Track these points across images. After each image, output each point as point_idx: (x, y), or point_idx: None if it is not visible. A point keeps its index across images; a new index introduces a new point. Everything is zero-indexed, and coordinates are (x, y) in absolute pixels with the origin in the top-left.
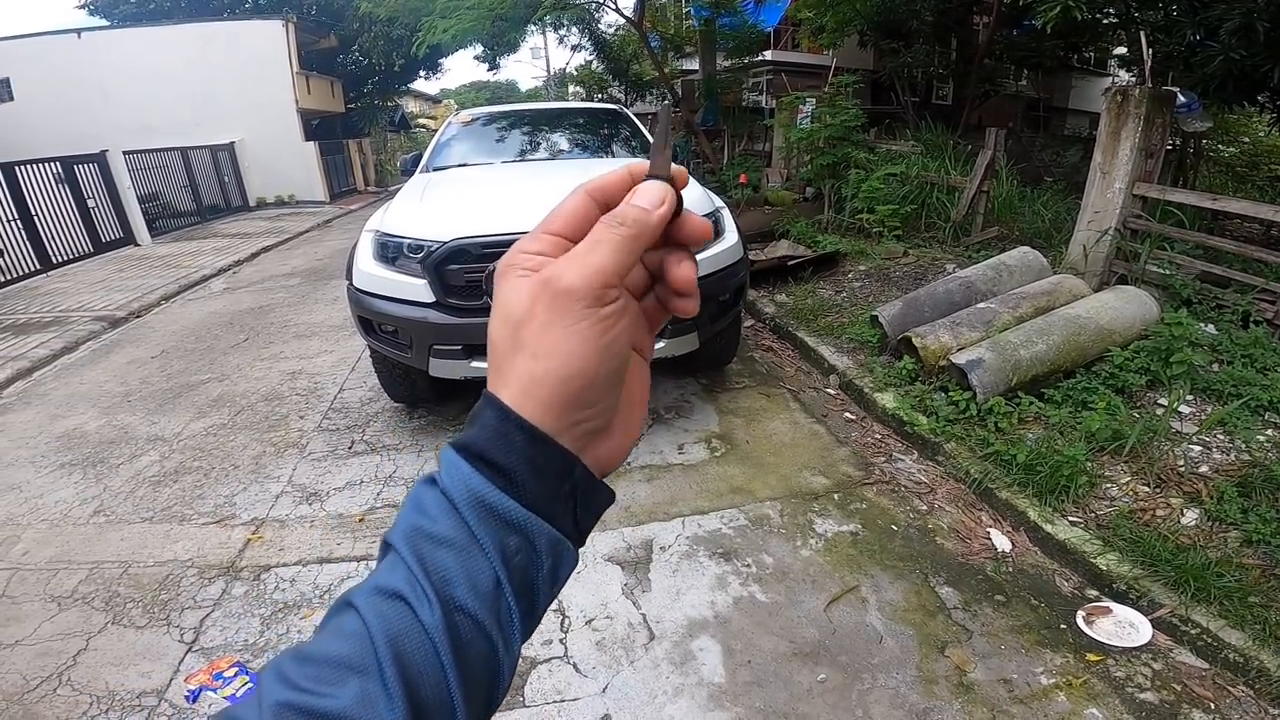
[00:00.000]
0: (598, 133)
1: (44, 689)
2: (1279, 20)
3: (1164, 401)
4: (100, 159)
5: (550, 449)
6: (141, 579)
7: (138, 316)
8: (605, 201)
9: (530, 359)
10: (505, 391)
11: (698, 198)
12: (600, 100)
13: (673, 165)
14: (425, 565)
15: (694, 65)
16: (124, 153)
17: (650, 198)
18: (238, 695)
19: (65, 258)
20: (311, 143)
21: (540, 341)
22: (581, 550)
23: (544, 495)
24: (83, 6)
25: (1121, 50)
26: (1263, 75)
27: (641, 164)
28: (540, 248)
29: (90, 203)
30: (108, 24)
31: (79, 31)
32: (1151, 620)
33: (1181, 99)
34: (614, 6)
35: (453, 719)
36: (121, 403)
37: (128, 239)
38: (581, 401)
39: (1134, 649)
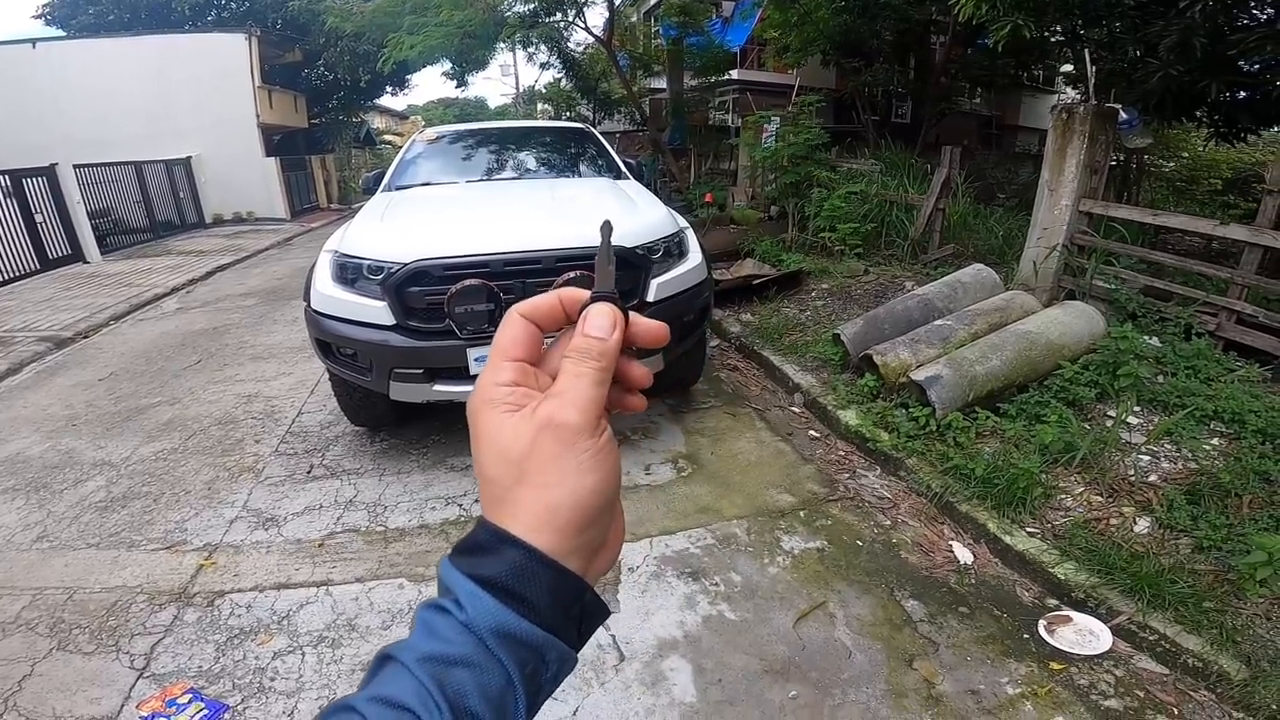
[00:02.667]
0: (564, 152)
1: None
2: (1216, 37)
3: (1113, 413)
4: (49, 172)
5: (568, 578)
6: (88, 605)
7: (85, 337)
8: (539, 320)
9: (542, 489)
10: (517, 524)
11: (662, 219)
12: (569, 118)
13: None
14: (442, 684)
15: (662, 84)
16: (74, 166)
17: (602, 326)
18: None
19: (9, 275)
20: (272, 158)
21: (550, 473)
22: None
23: (559, 619)
24: (39, 16)
25: (1068, 68)
26: (1200, 91)
27: (572, 294)
28: (511, 377)
29: (38, 218)
30: (64, 34)
31: (34, 41)
32: (1111, 627)
33: (1123, 115)
34: (583, 25)
35: None
36: (66, 427)
37: (76, 256)
38: (591, 521)
39: (1095, 656)
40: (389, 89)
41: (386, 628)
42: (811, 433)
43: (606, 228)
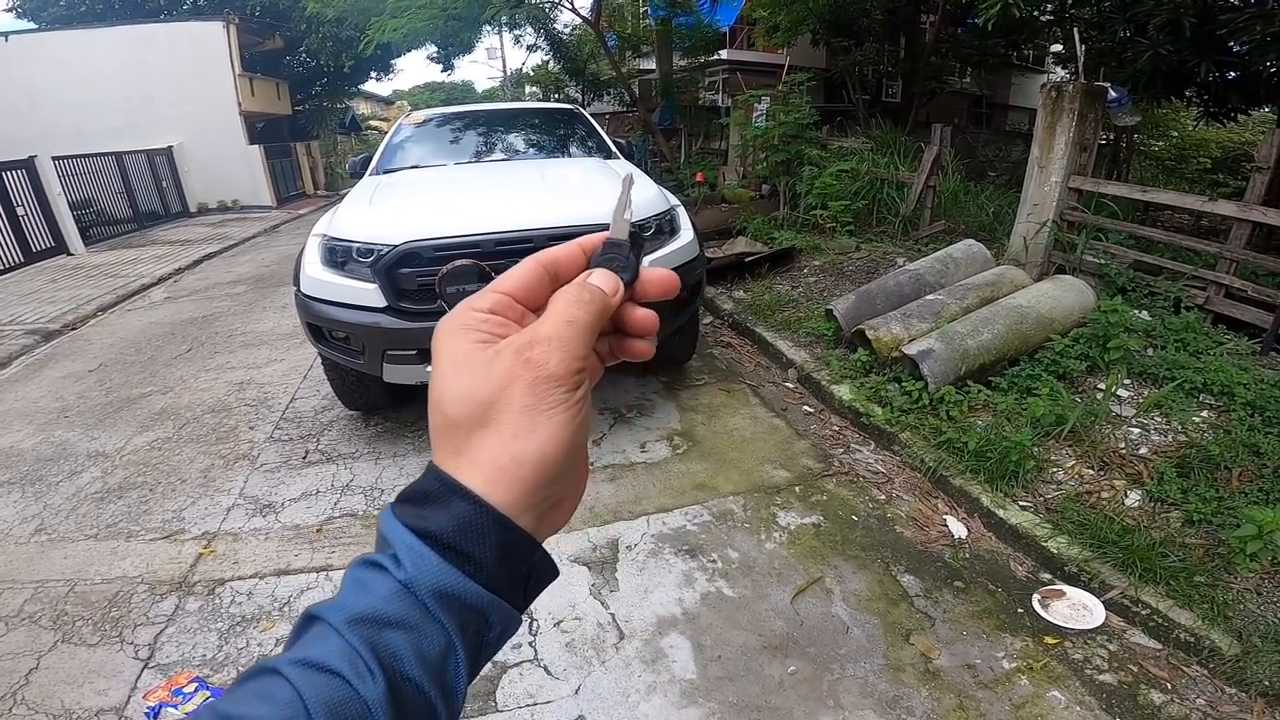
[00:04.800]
0: (554, 133)
1: None
2: (1205, 16)
3: (1103, 386)
4: (29, 165)
5: (519, 536)
6: (89, 597)
7: (73, 329)
8: (556, 272)
9: (509, 438)
10: (474, 473)
11: (653, 197)
12: (558, 100)
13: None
14: (374, 647)
15: (651, 65)
16: (54, 158)
17: (608, 283)
18: None
19: None
20: (256, 146)
21: (520, 420)
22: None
23: (506, 579)
24: (10, 9)
25: (1058, 47)
26: (1189, 70)
27: (593, 238)
28: (490, 305)
29: (19, 211)
30: (36, 27)
31: (5, 35)
32: (1104, 602)
33: (1112, 94)
34: (570, 6)
35: None
36: (58, 419)
37: (60, 248)
38: (556, 477)
39: (1089, 630)
40: (373, 74)
41: None
42: (806, 408)
43: (628, 180)
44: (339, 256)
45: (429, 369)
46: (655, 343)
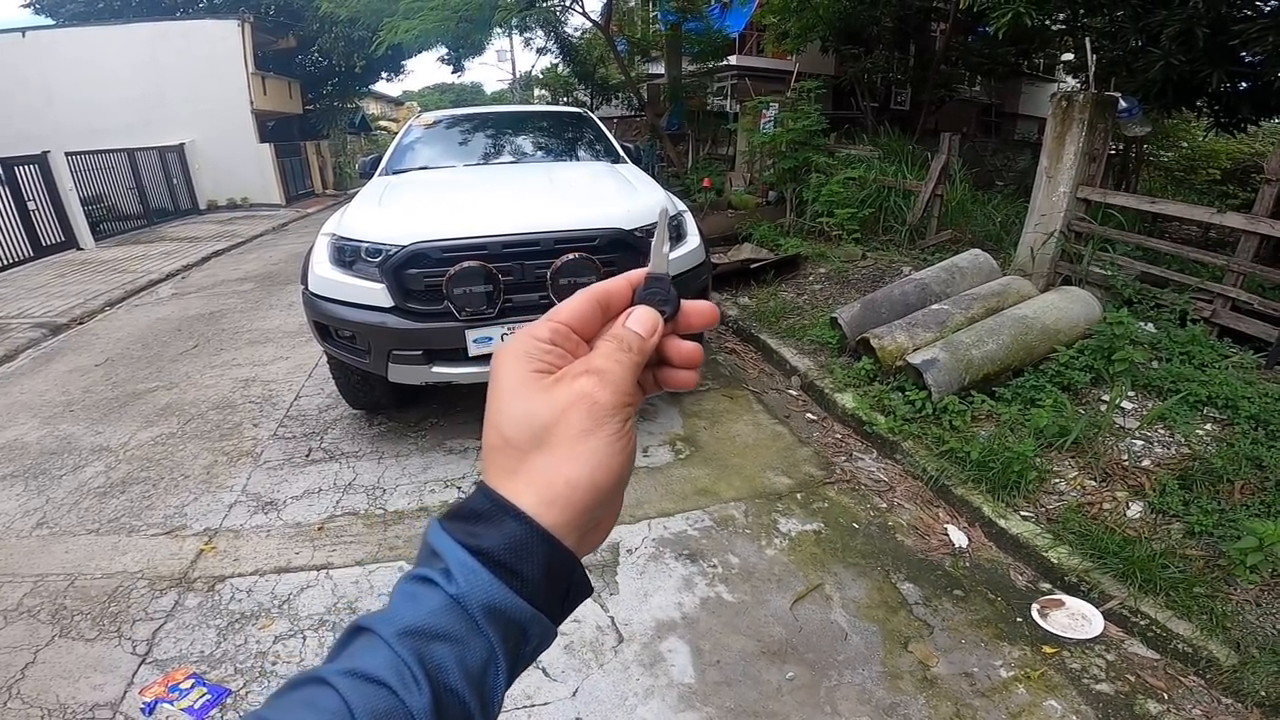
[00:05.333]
0: (562, 136)
1: None
2: (1219, 26)
3: (1107, 398)
4: (41, 160)
5: (564, 556)
6: (89, 591)
7: (80, 323)
8: (608, 304)
9: (564, 461)
10: (527, 495)
11: (659, 201)
12: (566, 103)
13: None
14: (422, 659)
15: (660, 69)
16: (67, 154)
17: (645, 324)
18: (195, 707)
19: (3, 263)
20: (267, 144)
21: (576, 447)
22: None
23: (548, 595)
24: (28, 5)
25: (1069, 56)
26: (1201, 80)
27: (638, 273)
28: (549, 335)
29: (31, 205)
30: (53, 23)
31: (23, 30)
32: (1103, 612)
33: (1122, 104)
34: (580, 10)
35: None
36: (63, 412)
37: (70, 243)
38: (603, 500)
39: (1087, 640)
40: (384, 75)
41: None
42: (809, 415)
43: (664, 214)
44: (347, 256)
45: (435, 369)
46: (699, 374)
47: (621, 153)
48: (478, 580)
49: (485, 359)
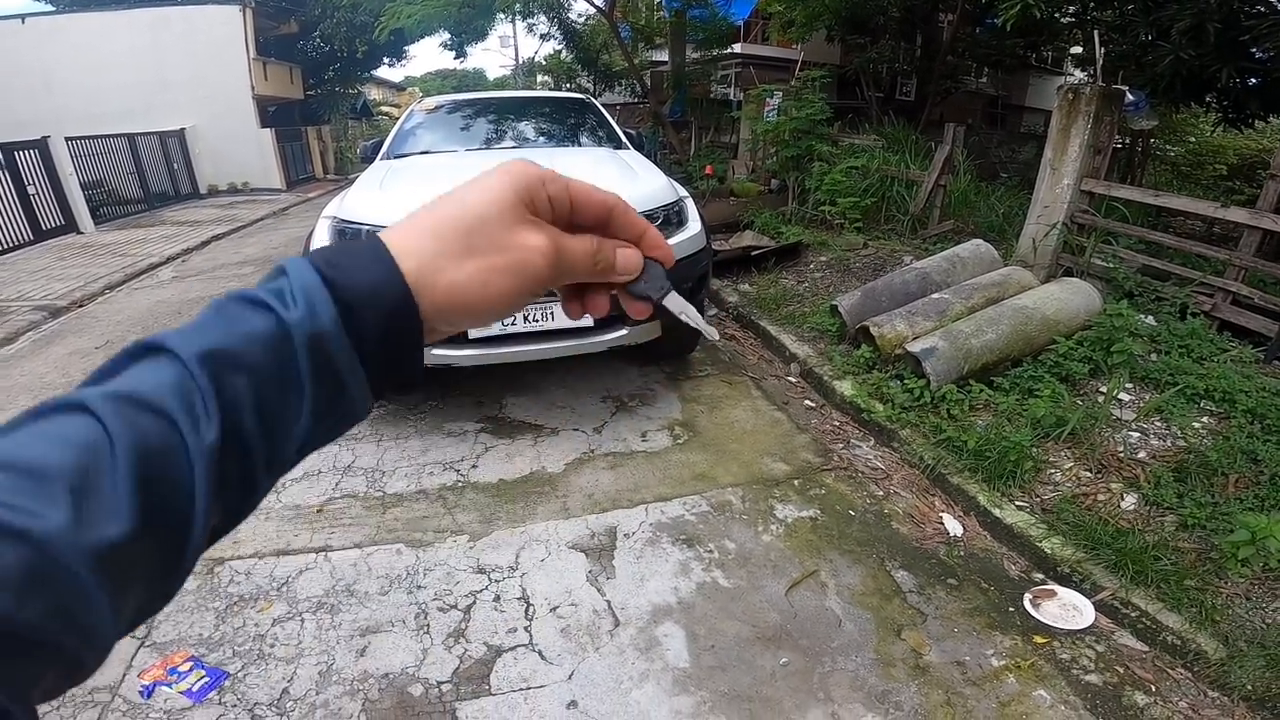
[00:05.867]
0: (564, 122)
1: None
2: (1230, 22)
3: (1105, 389)
4: (41, 145)
5: (414, 326)
6: None
7: (80, 306)
8: (608, 222)
9: (468, 271)
10: (408, 262)
11: (662, 187)
12: (569, 89)
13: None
14: (221, 389)
15: (664, 56)
16: (67, 139)
17: (628, 263)
18: (194, 690)
19: (3, 246)
20: (268, 129)
21: (486, 272)
22: (545, 537)
23: (381, 360)
24: None
25: (1077, 49)
26: (1211, 76)
27: (657, 250)
28: (554, 195)
29: (30, 189)
30: (53, 9)
31: (23, 16)
32: (1094, 603)
33: (1129, 97)
34: None
35: (187, 537)
36: None
37: (70, 226)
38: (467, 316)
39: (1078, 631)
40: (386, 60)
41: (385, 593)
42: (807, 402)
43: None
44: (348, 239)
45: (435, 352)
46: (606, 305)
47: (624, 139)
48: (318, 310)
49: (485, 341)
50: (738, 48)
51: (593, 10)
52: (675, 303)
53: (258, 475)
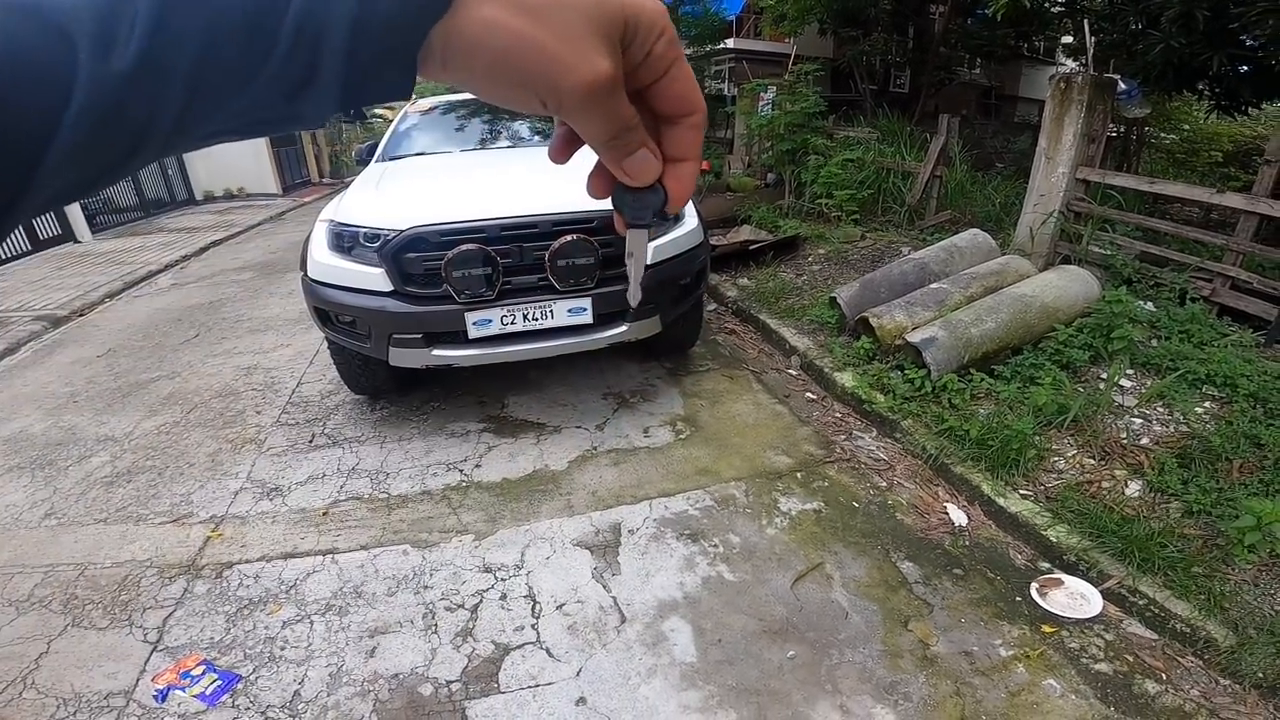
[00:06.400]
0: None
1: (9, 693)
2: (1219, 9)
3: (1106, 376)
4: None
5: (423, 25)
6: (99, 580)
7: (80, 315)
8: (676, 129)
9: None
10: None
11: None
12: None
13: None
14: (166, 13)
15: None
16: None
17: (638, 169)
18: (207, 693)
19: (1, 257)
20: None
21: (561, 30)
22: (550, 535)
23: (365, 61)
24: None
25: (1068, 39)
26: (1202, 63)
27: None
28: (661, 52)
29: None
30: None
31: None
32: (1101, 591)
33: (1122, 86)
34: None
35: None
36: (68, 403)
37: (67, 236)
38: (478, 48)
39: (1086, 620)
40: None
41: (392, 594)
42: (808, 395)
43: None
44: (346, 241)
45: (435, 353)
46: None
47: None
48: None
49: (485, 341)
50: (730, 43)
51: None
52: (638, 243)
53: (153, 134)
